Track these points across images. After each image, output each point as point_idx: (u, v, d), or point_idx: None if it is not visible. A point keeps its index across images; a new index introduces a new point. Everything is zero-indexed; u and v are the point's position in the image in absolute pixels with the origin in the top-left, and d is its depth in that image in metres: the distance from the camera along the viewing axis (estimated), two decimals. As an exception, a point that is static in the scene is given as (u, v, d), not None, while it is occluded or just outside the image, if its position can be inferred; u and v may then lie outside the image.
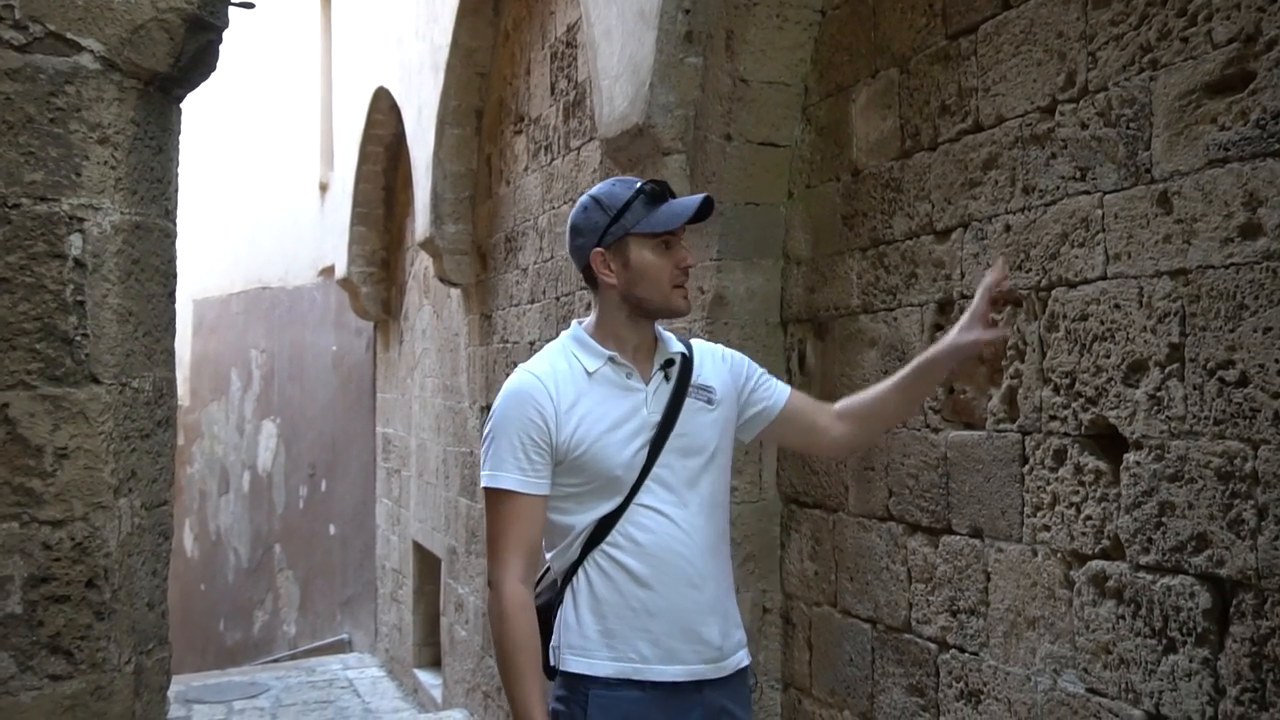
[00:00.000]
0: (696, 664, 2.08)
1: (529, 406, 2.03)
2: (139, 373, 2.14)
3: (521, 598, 2.02)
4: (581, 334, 2.14)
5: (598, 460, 2.04)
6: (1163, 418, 2.06)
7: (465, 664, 6.62)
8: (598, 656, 2.05)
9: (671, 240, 2.08)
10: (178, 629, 11.03)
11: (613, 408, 2.06)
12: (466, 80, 6.24)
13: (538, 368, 2.10)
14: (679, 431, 2.08)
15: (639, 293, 2.08)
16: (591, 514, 2.06)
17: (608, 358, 2.08)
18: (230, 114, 13.23)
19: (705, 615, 2.09)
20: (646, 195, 2.07)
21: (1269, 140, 1.85)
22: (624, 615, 2.05)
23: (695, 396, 2.13)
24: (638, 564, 2.05)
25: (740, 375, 2.24)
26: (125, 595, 2.08)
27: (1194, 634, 1.98)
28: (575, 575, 2.09)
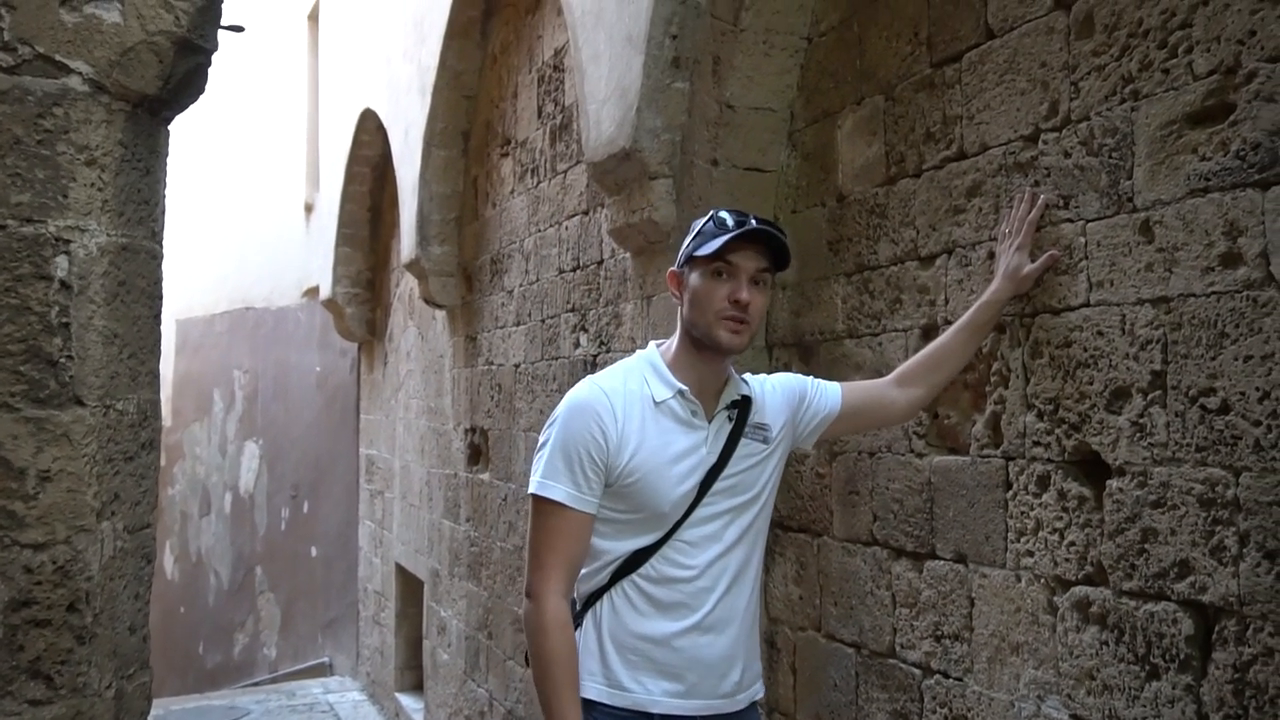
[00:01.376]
0: (712, 699, 2.07)
1: (592, 421, 2.01)
2: (123, 395, 2.13)
3: (564, 614, 2.00)
4: (657, 359, 2.12)
5: (649, 492, 2.01)
6: (1145, 444, 2.07)
7: (448, 688, 6.58)
8: (610, 686, 2.04)
9: (730, 270, 2.04)
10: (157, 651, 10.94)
11: (673, 441, 2.05)
12: (454, 102, 6.26)
13: (608, 384, 2.08)
14: (729, 473, 2.07)
15: (690, 317, 2.08)
16: (629, 544, 2.05)
17: (677, 390, 2.07)
18: (217, 134, 13.23)
19: (727, 655, 2.08)
20: (718, 222, 2.06)
21: (1249, 170, 1.87)
22: (644, 648, 2.04)
23: (751, 436, 2.12)
24: (666, 599, 2.04)
25: (794, 399, 2.25)
26: (107, 619, 2.07)
27: (1177, 660, 1.99)
28: (600, 600, 2.07)
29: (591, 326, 4.48)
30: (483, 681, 5.87)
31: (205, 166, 13.62)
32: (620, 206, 3.74)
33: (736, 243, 2.02)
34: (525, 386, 5.28)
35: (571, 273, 4.74)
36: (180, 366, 14.22)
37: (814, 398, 2.27)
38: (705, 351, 2.07)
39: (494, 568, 5.67)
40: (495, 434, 5.73)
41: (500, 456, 5.63)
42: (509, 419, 5.50)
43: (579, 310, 4.62)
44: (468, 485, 6.13)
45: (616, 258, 4.22)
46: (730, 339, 2.05)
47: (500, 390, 5.65)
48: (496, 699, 5.63)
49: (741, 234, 2.02)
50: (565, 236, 4.85)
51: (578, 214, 4.71)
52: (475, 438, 6.06)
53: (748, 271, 2.04)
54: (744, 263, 2.04)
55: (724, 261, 2.03)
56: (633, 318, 4.01)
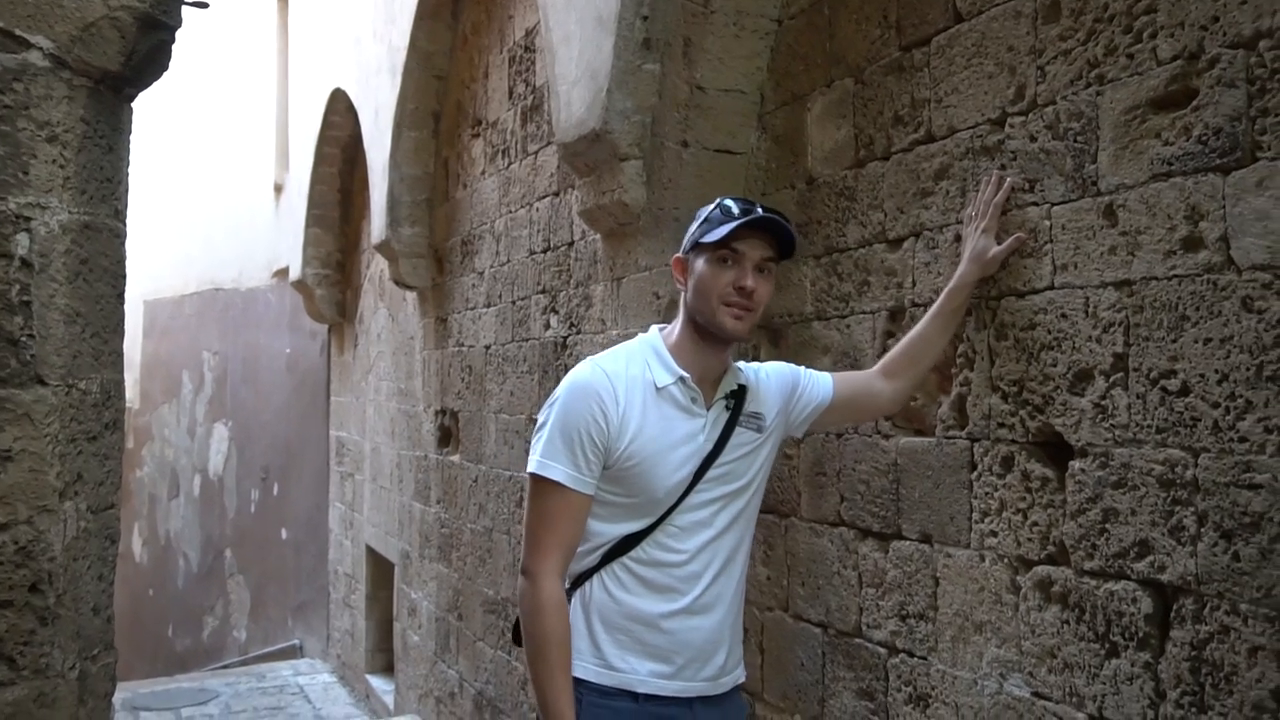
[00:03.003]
0: (696, 682, 2.08)
1: (593, 403, 2.01)
2: (86, 374, 2.11)
3: (559, 594, 2.00)
4: (660, 344, 2.12)
5: (647, 477, 2.02)
6: (1107, 426, 2.10)
7: (418, 670, 6.58)
8: (599, 664, 2.05)
9: (735, 258, 2.04)
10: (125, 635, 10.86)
11: (672, 428, 2.05)
12: (424, 83, 6.22)
13: (610, 366, 2.08)
14: (723, 461, 2.08)
15: (692, 303, 2.09)
16: (621, 528, 2.06)
17: (679, 377, 2.07)
18: (184, 113, 13.08)
19: (714, 639, 2.09)
20: (724, 210, 2.06)
21: (1210, 155, 1.89)
22: (633, 629, 2.05)
23: (746, 425, 2.13)
24: (656, 581, 2.05)
25: (787, 389, 2.26)
26: (70, 600, 2.05)
27: (1136, 638, 2.02)
28: (589, 581, 2.08)
29: (562, 308, 4.47)
30: (453, 663, 5.87)
31: (173, 146, 13.46)
32: (590, 188, 3.74)
33: (743, 230, 2.03)
34: (496, 368, 5.27)
35: (542, 254, 4.73)
36: (148, 348, 14.09)
37: (806, 388, 2.29)
38: (708, 338, 2.08)
39: (464, 549, 5.67)
40: (466, 416, 5.72)
41: (470, 438, 5.62)
42: (479, 401, 5.49)
43: (549, 292, 4.62)
44: (438, 467, 6.12)
45: (587, 239, 4.21)
46: (735, 325, 2.06)
47: (471, 372, 5.63)
48: (467, 680, 5.64)
49: (748, 221, 2.02)
50: (536, 218, 4.83)
51: (548, 195, 4.70)
52: (446, 420, 6.05)
53: (753, 259, 2.06)
54: (750, 250, 2.05)
55: (729, 249, 2.03)
56: (603, 299, 4.01)
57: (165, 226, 13.61)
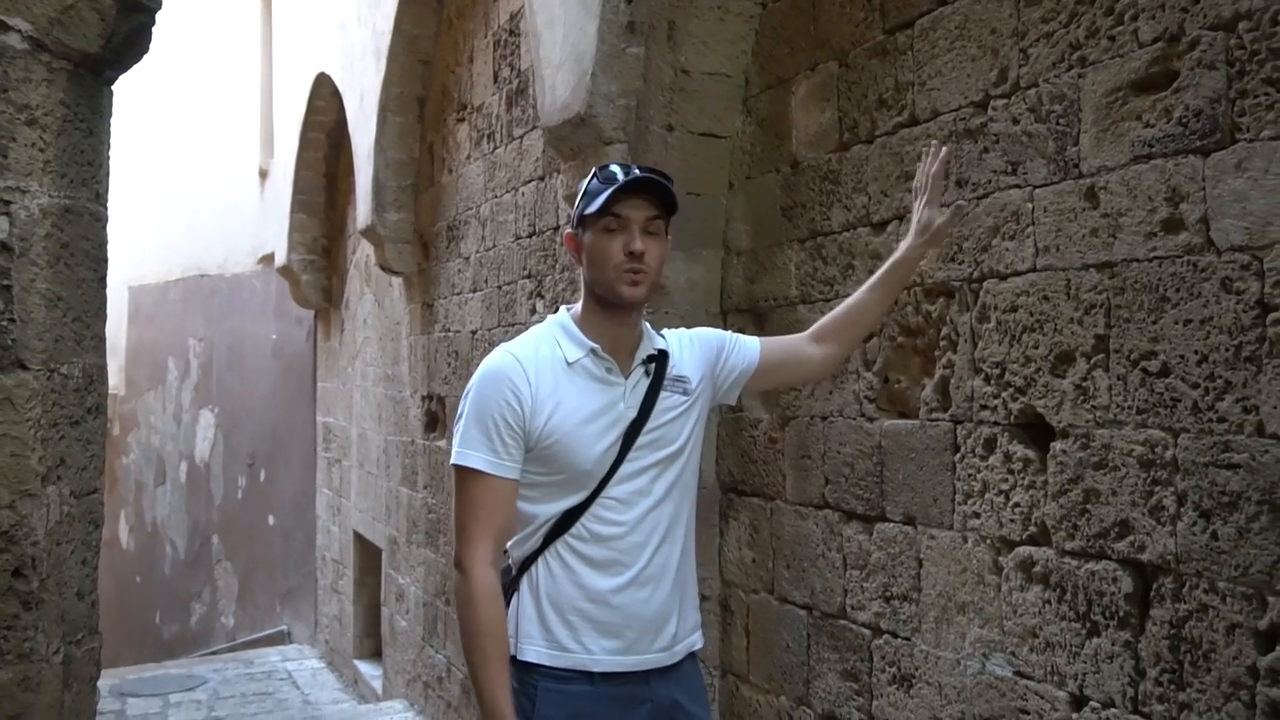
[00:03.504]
0: (649, 654, 2.08)
1: (505, 388, 2.00)
2: (68, 359, 2.10)
3: (491, 583, 1.99)
4: (568, 321, 2.11)
5: (568, 453, 2.01)
6: (1088, 407, 2.11)
7: (406, 654, 6.59)
8: (551, 647, 2.05)
9: (620, 224, 2.01)
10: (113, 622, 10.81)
11: (588, 401, 2.04)
12: (409, 67, 6.19)
13: (519, 350, 2.06)
14: (651, 426, 2.07)
15: (591, 276, 2.07)
16: (557, 506, 2.05)
17: (590, 349, 2.06)
18: (168, 98, 13.00)
19: (663, 610, 2.09)
20: (603, 178, 2.03)
21: (1191, 137, 1.90)
22: (581, 608, 2.04)
23: (670, 389, 2.12)
24: (600, 557, 2.04)
25: (712, 352, 2.24)
26: (54, 584, 2.05)
27: (1116, 617, 2.04)
28: (534, 565, 2.07)
29: (548, 293, 4.47)
30: (440, 648, 5.88)
31: (157, 131, 13.38)
32: (576, 172, 3.73)
33: (621, 194, 2.00)
34: (482, 353, 5.25)
35: (528, 239, 4.72)
36: (133, 335, 14.02)
37: (732, 351, 2.27)
38: (612, 309, 2.07)
39: (451, 534, 5.67)
40: (452, 401, 5.71)
41: (457, 424, 5.61)
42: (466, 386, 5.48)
43: (535, 276, 4.61)
44: (425, 453, 6.12)
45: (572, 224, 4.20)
46: (631, 291, 2.03)
47: (457, 357, 5.63)
48: (454, 664, 5.65)
49: (623, 185, 2.01)
50: (521, 202, 4.82)
51: (534, 180, 4.69)
52: (432, 405, 6.04)
53: (638, 221, 2.02)
54: (633, 213, 2.02)
55: (613, 215, 2.01)
56: (589, 284, 4.01)
57: (149, 212, 13.53)
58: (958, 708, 2.42)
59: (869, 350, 2.75)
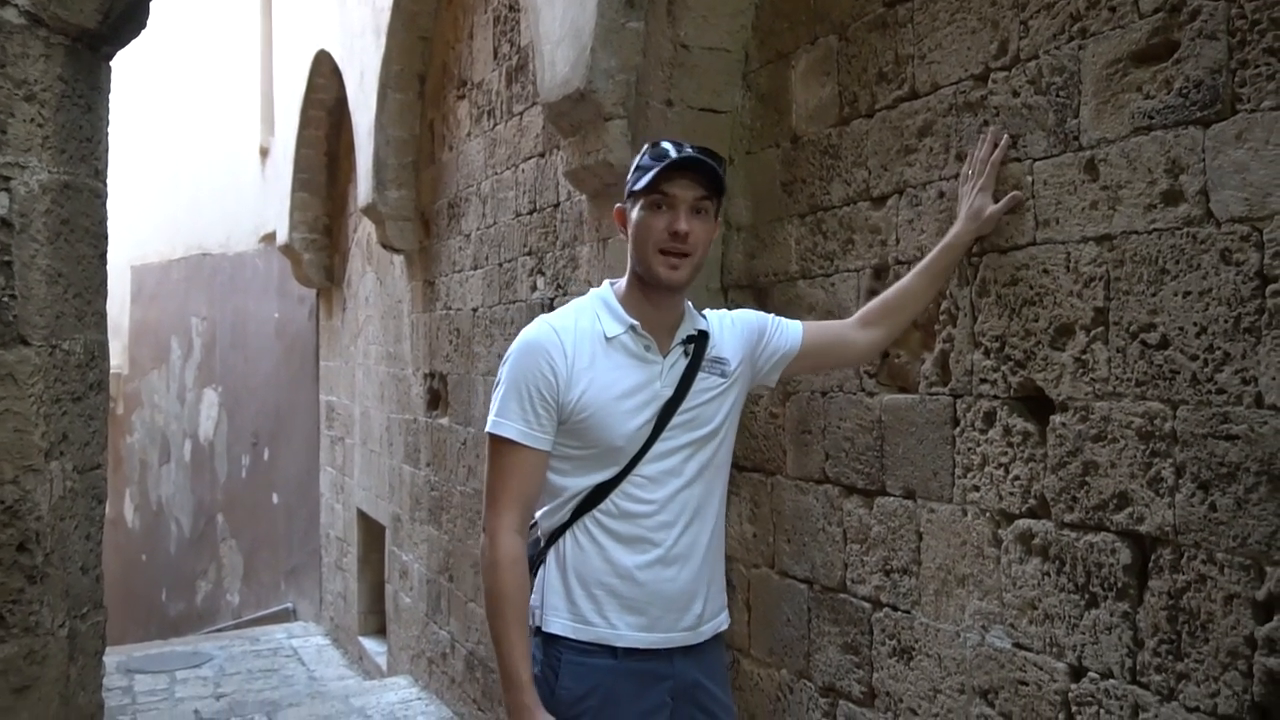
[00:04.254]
0: (673, 633, 2.09)
1: (541, 359, 2.01)
2: (69, 335, 2.11)
3: (516, 550, 2.01)
4: (610, 296, 2.10)
5: (601, 427, 2.01)
6: (1087, 380, 2.11)
7: (410, 631, 6.63)
8: (575, 620, 2.06)
9: (668, 202, 2.00)
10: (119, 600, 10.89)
11: (624, 376, 2.04)
12: (409, 44, 6.17)
13: (558, 322, 2.07)
14: (686, 406, 2.07)
15: (634, 254, 2.07)
16: (588, 480, 2.06)
17: (629, 325, 2.06)
18: (168, 77, 12.96)
19: (688, 590, 2.10)
20: (655, 155, 2.01)
21: (1191, 108, 1.89)
22: (607, 583, 2.05)
23: (709, 370, 2.11)
24: (627, 533, 2.05)
25: (753, 335, 2.24)
26: (58, 559, 2.06)
27: (1115, 589, 2.05)
28: (562, 537, 2.08)
29: (548, 269, 4.47)
30: (444, 624, 5.92)
31: (158, 110, 13.35)
32: (576, 148, 3.72)
33: (671, 173, 1.99)
34: (483, 330, 5.27)
35: (528, 216, 4.72)
36: (136, 314, 14.04)
37: (774, 335, 2.28)
38: (653, 289, 2.06)
39: (454, 511, 5.69)
40: (454, 379, 5.72)
41: (459, 401, 5.63)
42: (467, 363, 5.49)
43: (536, 253, 4.61)
44: (427, 430, 6.13)
45: (573, 200, 4.20)
46: (669, 274, 2.03)
47: (459, 335, 5.63)
48: (458, 641, 5.69)
49: (673, 163, 1.99)
50: (522, 179, 4.82)
51: (534, 156, 4.68)
52: (434, 383, 6.06)
53: (686, 201, 2.01)
54: (681, 192, 2.00)
55: (661, 193, 2.00)
56: (589, 260, 4.01)
57: (151, 192, 13.52)
58: (957, 679, 2.43)
59: (869, 325, 2.75)
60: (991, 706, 2.33)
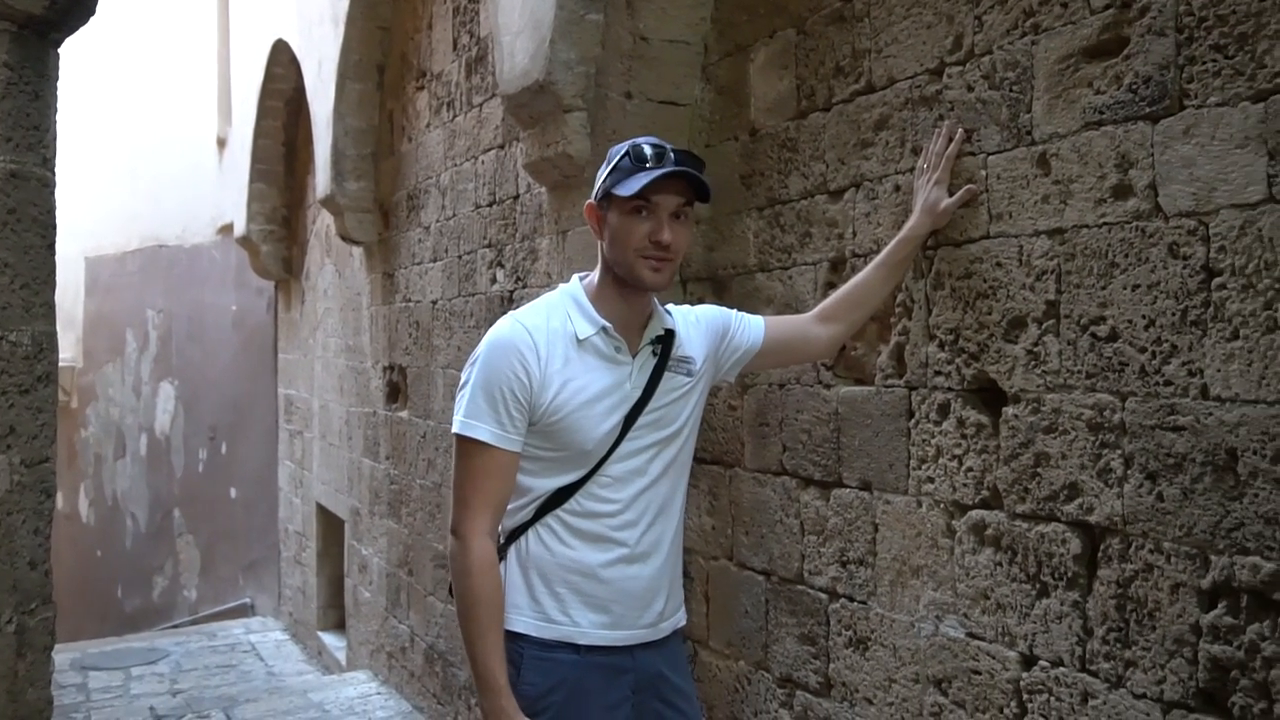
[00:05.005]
0: (635, 629, 2.09)
1: (515, 360, 1.98)
2: (16, 326, 2.08)
3: (489, 554, 1.98)
4: (580, 295, 2.08)
5: (573, 431, 2.00)
6: (1039, 372, 2.14)
7: (369, 625, 6.59)
8: (539, 618, 2.05)
9: (650, 208, 1.99)
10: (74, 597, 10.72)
11: (597, 379, 2.02)
12: (368, 34, 6.12)
13: (530, 320, 2.04)
14: (653, 407, 2.07)
15: (611, 255, 2.05)
16: (554, 481, 2.04)
17: (601, 327, 2.04)
18: (124, 65, 12.77)
19: (651, 587, 2.10)
20: (635, 157, 2.00)
21: (1140, 104, 1.92)
22: (572, 580, 2.05)
23: (675, 370, 2.11)
24: (591, 532, 2.04)
25: (717, 332, 2.24)
26: (5, 554, 2.03)
27: (1065, 578, 2.07)
28: (524, 536, 2.06)
29: (508, 262, 4.45)
30: (404, 618, 5.89)
31: (113, 99, 13.14)
32: (535, 140, 3.71)
33: (657, 181, 1.99)
34: (443, 323, 5.24)
35: (488, 208, 4.70)
36: (91, 306, 13.83)
37: (737, 331, 2.28)
38: (628, 288, 2.05)
39: (414, 505, 5.67)
40: (414, 371, 5.69)
41: (419, 394, 5.60)
42: (427, 356, 5.46)
43: (495, 246, 4.59)
44: (387, 423, 6.10)
45: (532, 192, 4.19)
46: (653, 278, 2.03)
47: (418, 327, 5.60)
48: (418, 634, 5.66)
49: (662, 175, 1.99)
50: (481, 171, 4.79)
51: (493, 148, 4.66)
52: (394, 375, 6.02)
53: (668, 209, 2.00)
54: (664, 200, 1.99)
55: (644, 200, 1.99)
56: (549, 253, 4.00)
57: (106, 182, 13.31)
58: (912, 669, 2.45)
59: (826, 317, 2.76)
60: (945, 695, 2.36)
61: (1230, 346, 1.76)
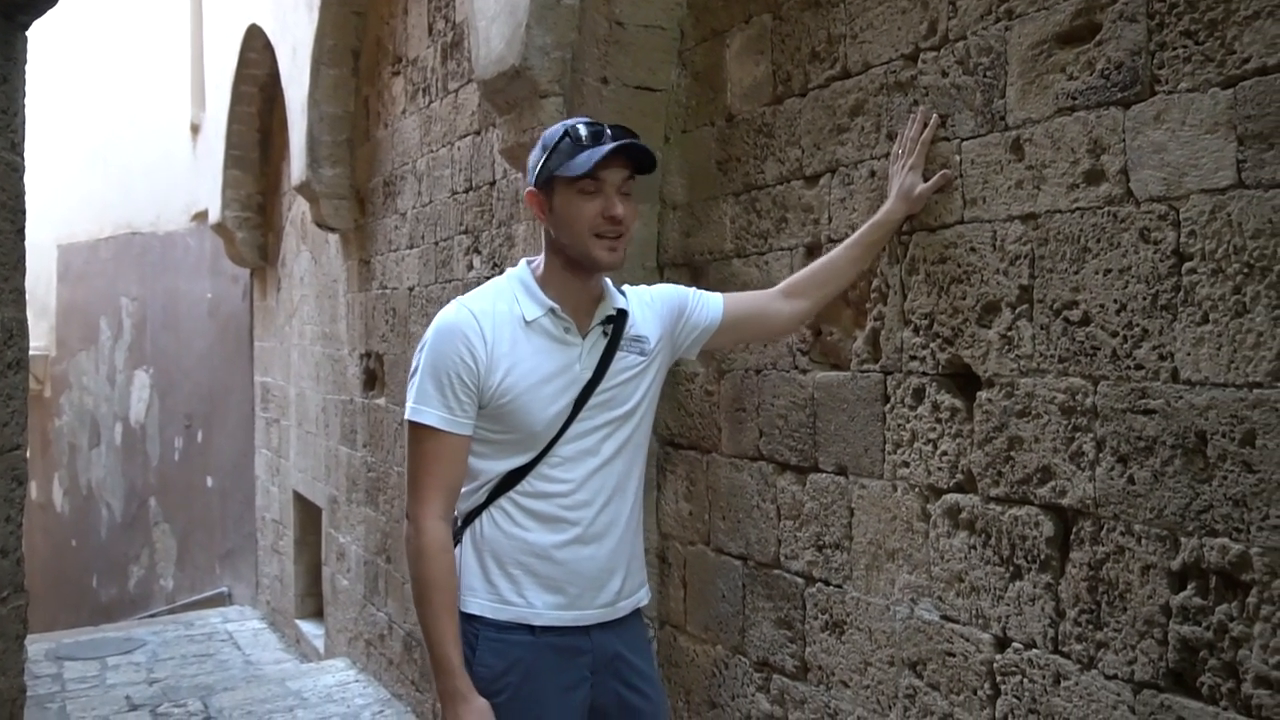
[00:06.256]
0: (591, 609, 2.10)
1: (460, 344, 1.98)
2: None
3: (443, 538, 1.99)
4: (528, 277, 2.08)
5: (522, 413, 2.00)
6: (1013, 356, 2.15)
7: (347, 613, 6.58)
8: (494, 600, 2.05)
9: (600, 187, 1.99)
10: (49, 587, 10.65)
11: (545, 361, 2.02)
12: (343, 19, 6.07)
13: (476, 305, 2.04)
14: (604, 387, 2.06)
15: (561, 239, 2.04)
16: (505, 464, 2.04)
17: (549, 308, 2.04)
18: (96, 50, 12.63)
19: (606, 567, 2.10)
20: (574, 137, 1.99)
21: (1112, 90, 1.93)
22: (526, 561, 2.05)
23: (628, 349, 2.11)
24: (545, 513, 2.04)
25: (672, 311, 2.24)
26: (-25, 542, 2.02)
27: (1038, 561, 2.09)
28: (478, 518, 2.07)
29: (485, 248, 4.44)
30: (382, 605, 5.88)
31: (85, 85, 13.00)
32: (511, 126, 3.69)
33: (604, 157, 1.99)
34: (420, 310, 5.22)
35: (464, 194, 4.68)
36: (64, 294, 13.69)
37: (694, 309, 2.28)
38: (578, 269, 2.05)
39: (391, 492, 5.65)
40: (390, 358, 5.67)
41: (395, 381, 5.58)
42: (404, 343, 5.44)
43: (472, 232, 4.58)
44: (364, 411, 6.08)
45: (509, 178, 4.18)
46: (609, 257, 2.03)
47: (395, 314, 5.58)
48: (395, 621, 5.66)
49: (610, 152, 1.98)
50: (458, 157, 4.77)
51: (470, 134, 4.64)
52: (370, 363, 6.00)
53: (614, 184, 2.01)
54: (610, 175, 2.00)
55: (592, 178, 1.99)
56: (525, 239, 3.99)
57: (78, 169, 13.18)
58: (887, 652, 2.47)
59: (802, 303, 2.77)
60: (920, 678, 2.38)
61: (1200, 330, 1.78)
